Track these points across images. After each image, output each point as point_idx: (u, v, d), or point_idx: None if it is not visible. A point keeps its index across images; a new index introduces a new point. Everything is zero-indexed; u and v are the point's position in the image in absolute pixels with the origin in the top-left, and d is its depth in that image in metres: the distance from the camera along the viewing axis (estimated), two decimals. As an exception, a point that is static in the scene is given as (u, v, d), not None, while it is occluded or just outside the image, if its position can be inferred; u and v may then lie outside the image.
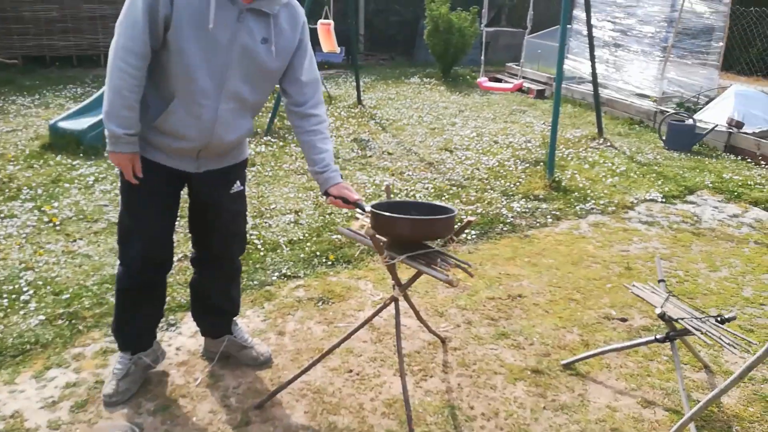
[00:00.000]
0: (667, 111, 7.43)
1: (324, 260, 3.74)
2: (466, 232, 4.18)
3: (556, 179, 5.29)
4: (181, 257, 3.59)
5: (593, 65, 6.77)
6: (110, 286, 3.28)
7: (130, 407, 2.40)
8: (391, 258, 2.18)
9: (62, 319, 2.99)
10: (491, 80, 8.63)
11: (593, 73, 6.83)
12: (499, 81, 9.60)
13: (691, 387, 2.66)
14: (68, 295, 3.20)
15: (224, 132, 2.19)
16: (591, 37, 6.60)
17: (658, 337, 2.56)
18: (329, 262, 3.71)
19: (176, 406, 2.43)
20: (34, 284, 3.31)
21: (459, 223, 2.34)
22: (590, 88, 7.35)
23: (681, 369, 2.60)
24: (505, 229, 4.36)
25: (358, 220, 2.61)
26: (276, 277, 3.51)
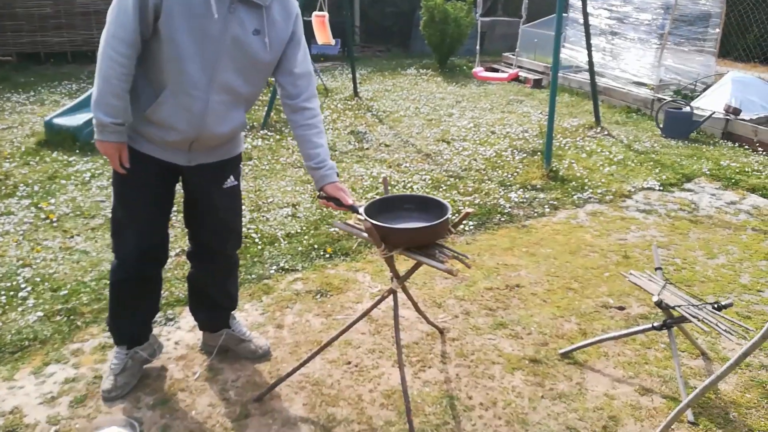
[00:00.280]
0: (665, 99, 7.42)
1: (322, 253, 3.74)
2: (464, 223, 4.18)
3: (554, 169, 5.29)
4: (179, 252, 3.59)
5: (590, 54, 6.75)
6: (108, 282, 3.27)
7: (128, 401, 2.41)
8: (389, 250, 2.18)
9: (60, 315, 2.99)
10: (487, 70, 8.60)
11: (590, 62, 6.81)
12: (495, 71, 9.58)
13: (689, 374, 2.67)
14: (66, 291, 3.20)
15: (215, 124, 2.17)
16: (587, 25, 6.58)
17: (655, 324, 2.56)
18: (327, 255, 3.72)
19: (175, 400, 2.44)
20: (31, 281, 3.31)
21: (456, 215, 2.34)
22: (587, 77, 7.33)
23: (678, 356, 2.61)
24: (502, 219, 4.36)
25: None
26: (274, 271, 3.51)
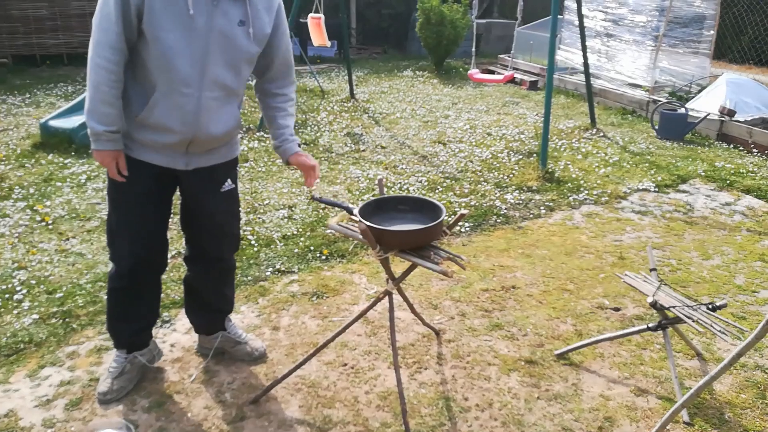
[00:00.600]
0: (660, 100, 7.44)
1: (318, 255, 3.74)
2: (460, 225, 4.19)
3: (549, 170, 5.30)
4: (175, 254, 3.59)
5: (585, 55, 6.78)
6: (104, 284, 3.28)
7: (124, 404, 2.40)
8: (384, 252, 2.18)
9: (56, 318, 2.99)
10: (483, 72, 8.62)
11: (585, 64, 6.84)
12: (491, 73, 9.59)
13: (684, 375, 2.68)
14: (62, 294, 3.20)
15: (209, 122, 2.17)
16: (582, 27, 6.61)
17: (650, 325, 2.57)
18: (323, 257, 3.72)
19: (171, 402, 2.44)
20: (27, 283, 3.30)
21: (452, 216, 2.34)
22: (582, 79, 7.35)
23: (673, 357, 2.62)
24: (498, 220, 4.36)
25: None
26: (270, 273, 3.51)
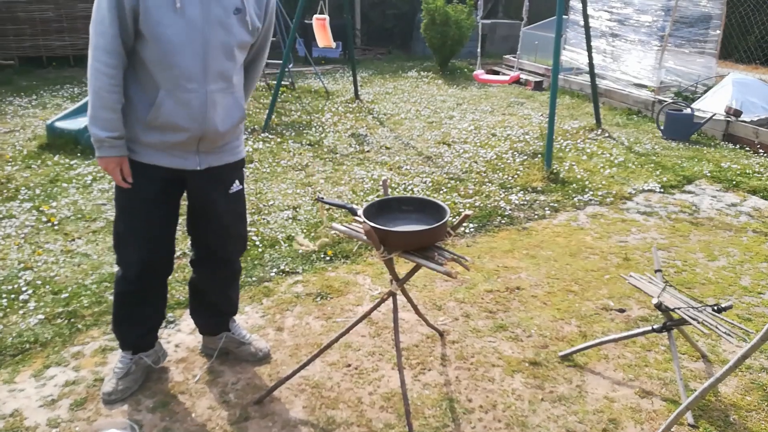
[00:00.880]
0: (665, 100, 7.42)
1: (322, 255, 3.74)
2: (464, 226, 4.19)
3: (554, 171, 5.29)
4: (179, 254, 3.60)
5: (590, 56, 6.75)
6: (109, 285, 3.29)
7: (129, 404, 2.41)
8: (388, 252, 2.18)
9: (61, 318, 3.00)
10: (488, 72, 8.61)
11: (590, 64, 6.81)
12: (496, 73, 9.59)
13: (689, 377, 2.66)
14: (67, 294, 3.21)
15: (216, 116, 2.16)
16: (587, 27, 6.58)
17: (655, 327, 2.56)
18: (327, 258, 3.72)
19: (175, 402, 2.44)
20: (33, 284, 3.32)
21: (456, 217, 2.34)
22: (588, 79, 7.34)
23: (678, 359, 2.61)
24: (503, 221, 4.36)
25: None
26: (274, 273, 3.52)
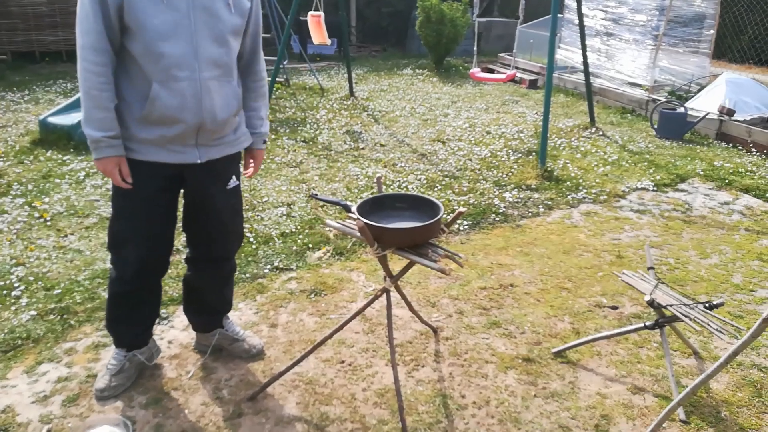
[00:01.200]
0: (659, 99, 7.45)
1: (316, 252, 3.73)
2: (458, 223, 4.19)
3: (548, 169, 5.30)
4: (173, 251, 3.58)
5: (585, 54, 6.77)
6: (102, 281, 3.28)
7: (122, 400, 2.41)
8: (382, 249, 2.18)
9: (54, 314, 2.99)
10: (484, 71, 8.61)
11: (585, 63, 6.83)
12: (491, 71, 9.59)
13: (681, 373, 2.68)
14: (60, 290, 3.20)
15: (213, 105, 2.14)
16: (582, 26, 6.60)
17: (647, 324, 2.57)
18: (322, 254, 3.71)
19: (168, 399, 2.44)
20: (25, 280, 3.30)
21: (450, 214, 2.35)
22: (582, 78, 7.35)
23: (670, 355, 2.62)
24: (497, 219, 4.37)
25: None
26: (268, 270, 3.52)
